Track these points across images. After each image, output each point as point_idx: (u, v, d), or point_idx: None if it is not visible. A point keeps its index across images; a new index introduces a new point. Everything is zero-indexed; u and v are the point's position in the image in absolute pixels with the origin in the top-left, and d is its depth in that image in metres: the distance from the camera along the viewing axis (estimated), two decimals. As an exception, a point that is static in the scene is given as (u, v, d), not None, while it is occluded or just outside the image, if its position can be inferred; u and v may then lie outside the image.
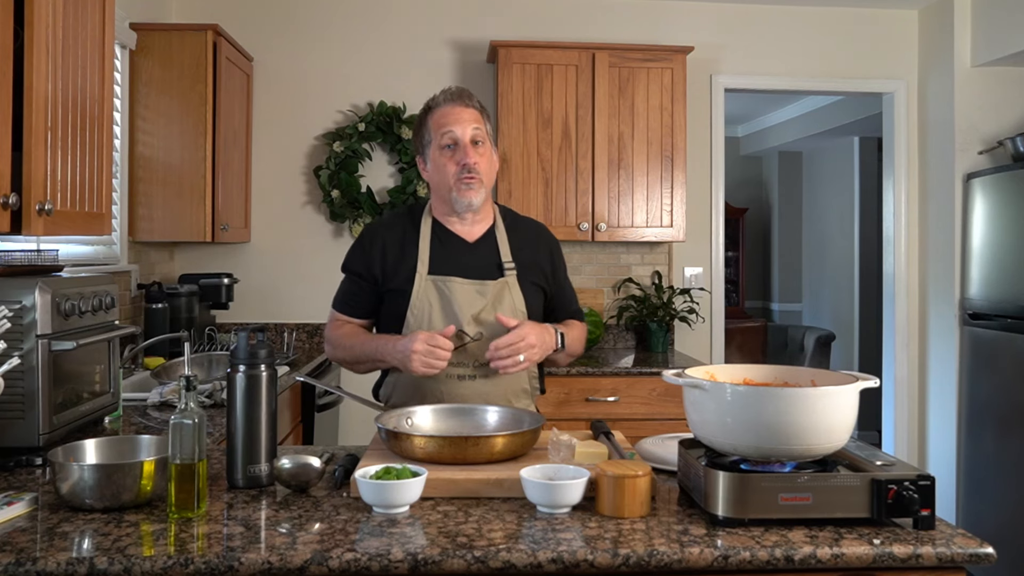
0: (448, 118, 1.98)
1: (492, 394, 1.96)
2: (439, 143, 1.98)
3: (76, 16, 2.01)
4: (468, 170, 1.95)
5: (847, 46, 4.34)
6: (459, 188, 1.96)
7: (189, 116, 3.42)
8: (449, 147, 1.97)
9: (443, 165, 1.98)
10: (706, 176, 4.31)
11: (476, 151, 1.97)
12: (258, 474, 1.56)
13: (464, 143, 1.96)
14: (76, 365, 1.92)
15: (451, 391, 1.95)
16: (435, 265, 1.99)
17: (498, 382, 1.96)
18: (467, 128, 1.97)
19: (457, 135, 1.96)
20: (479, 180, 1.97)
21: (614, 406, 3.45)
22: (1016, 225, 3.65)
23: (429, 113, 2.03)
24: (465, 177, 1.95)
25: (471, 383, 1.95)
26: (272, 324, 4.03)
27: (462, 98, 2.01)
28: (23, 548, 1.24)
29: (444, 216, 2.05)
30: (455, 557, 1.23)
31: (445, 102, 2.01)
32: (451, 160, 1.97)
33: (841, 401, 1.38)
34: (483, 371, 1.95)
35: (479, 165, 1.97)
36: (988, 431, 3.80)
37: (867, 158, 6.78)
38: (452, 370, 1.93)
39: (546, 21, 4.18)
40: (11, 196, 1.73)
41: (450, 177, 1.97)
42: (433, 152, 2.01)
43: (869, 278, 6.69)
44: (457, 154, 1.96)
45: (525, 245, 2.08)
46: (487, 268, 2.01)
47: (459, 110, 1.99)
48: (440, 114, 2.00)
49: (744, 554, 1.25)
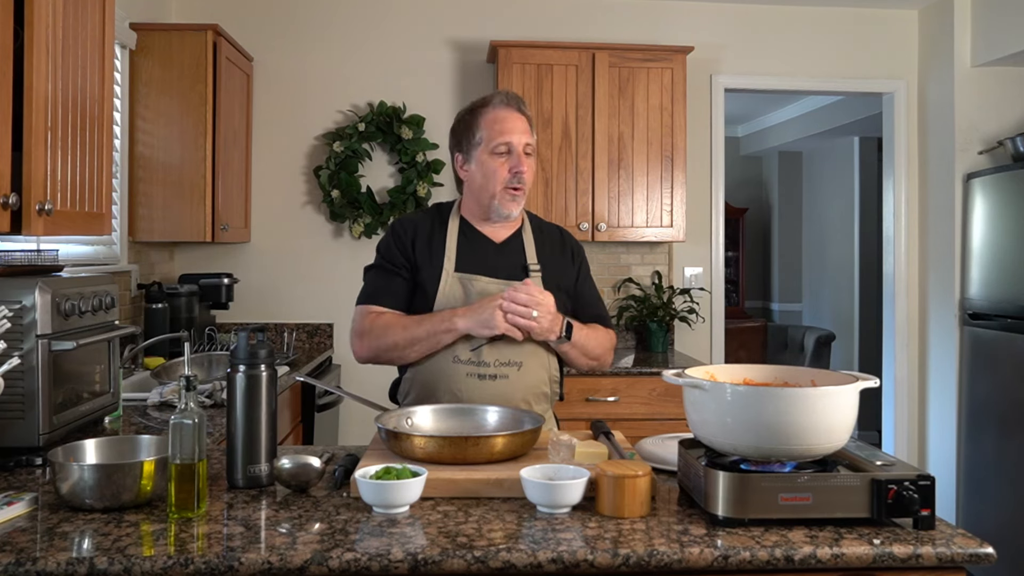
0: (506, 124, 1.96)
1: (511, 395, 1.94)
2: (491, 147, 1.96)
3: (76, 16, 2.01)
4: (519, 180, 1.95)
5: (847, 46, 4.34)
6: (503, 197, 1.96)
7: (189, 116, 3.43)
8: (503, 153, 1.95)
9: (493, 169, 1.95)
10: (706, 176, 4.31)
11: (527, 161, 1.97)
12: (258, 474, 1.56)
13: (518, 151, 1.95)
14: (76, 365, 1.92)
15: (471, 391, 1.93)
16: (461, 263, 1.98)
17: (517, 383, 1.95)
18: (523, 137, 1.96)
19: (513, 143, 1.95)
20: (523, 192, 1.97)
21: (614, 406, 3.45)
22: (1016, 225, 3.65)
23: (481, 113, 1.99)
24: (512, 188, 1.95)
25: (491, 383, 1.93)
26: (272, 324, 4.03)
27: (519, 105, 2.00)
28: (23, 548, 1.24)
29: (474, 217, 2.04)
30: (455, 557, 1.23)
31: (501, 105, 1.98)
32: (503, 165, 1.95)
33: (841, 401, 1.38)
34: (503, 371, 1.94)
35: (527, 176, 1.96)
36: (988, 431, 3.80)
37: (867, 158, 6.78)
38: (472, 369, 1.92)
39: (546, 21, 4.18)
40: (11, 196, 1.73)
41: (498, 182, 1.95)
42: (481, 154, 1.97)
43: (869, 278, 6.69)
44: (511, 161, 1.95)
45: (550, 249, 2.08)
46: (513, 269, 2.01)
47: (515, 116, 1.98)
48: (495, 117, 1.97)
49: (744, 554, 1.25)
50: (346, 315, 4.05)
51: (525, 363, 1.95)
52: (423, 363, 1.96)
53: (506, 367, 1.93)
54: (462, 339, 1.91)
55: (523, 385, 1.96)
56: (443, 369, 1.94)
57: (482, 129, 1.97)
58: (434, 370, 1.95)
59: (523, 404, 1.96)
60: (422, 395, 1.98)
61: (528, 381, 1.96)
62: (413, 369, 1.99)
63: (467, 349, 1.92)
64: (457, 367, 1.93)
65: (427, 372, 1.96)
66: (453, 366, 1.93)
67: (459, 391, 1.93)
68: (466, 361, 1.93)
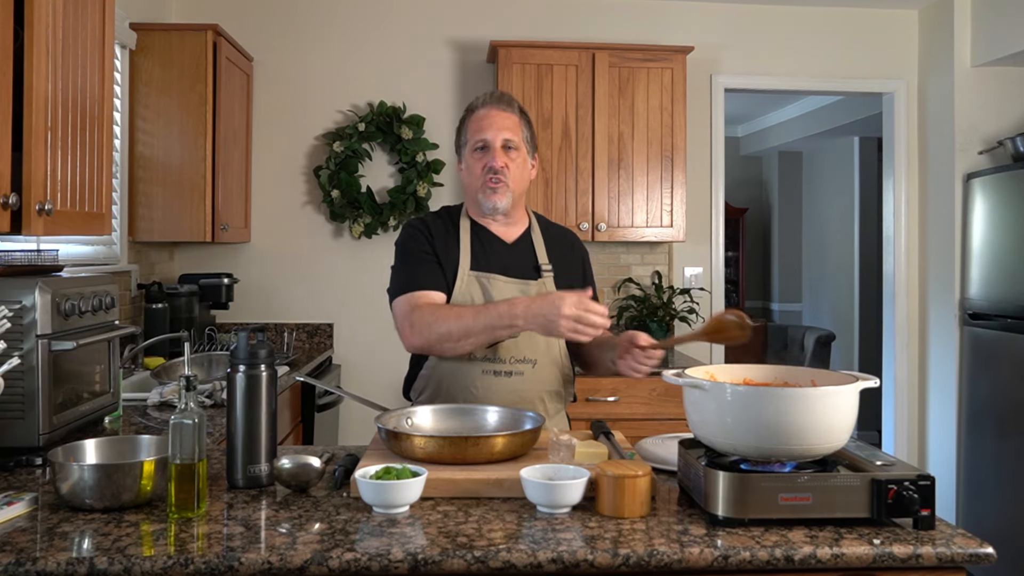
0: (483, 122, 2.00)
1: (526, 392, 1.96)
2: (471, 144, 2.01)
3: (76, 16, 2.01)
4: (492, 171, 1.96)
5: (847, 46, 4.34)
6: (484, 191, 1.98)
7: (189, 116, 3.43)
8: (480, 149, 1.99)
9: (472, 166, 2.01)
10: (706, 176, 4.31)
11: (507, 155, 1.99)
12: (258, 474, 1.56)
13: (494, 147, 1.98)
14: (76, 365, 1.92)
15: (487, 388, 1.94)
16: (476, 262, 2.00)
17: (532, 380, 1.97)
18: (500, 132, 1.99)
19: (488, 138, 1.98)
20: (504, 184, 1.98)
21: (614, 406, 3.45)
22: (1016, 225, 3.65)
23: (469, 115, 2.05)
24: (490, 180, 1.97)
25: (506, 380, 1.94)
26: (272, 324, 4.03)
27: (501, 102, 2.03)
28: (23, 548, 1.24)
29: (477, 216, 2.06)
30: (455, 557, 1.23)
31: (483, 105, 2.03)
32: (479, 161, 1.99)
33: (841, 401, 1.38)
34: (518, 368, 1.95)
35: (507, 169, 1.98)
36: (988, 431, 3.80)
37: (867, 158, 6.78)
38: (488, 366, 1.93)
39: (546, 21, 4.18)
40: (11, 196, 1.73)
41: (476, 178, 1.99)
42: (467, 154, 2.04)
43: (869, 278, 6.69)
44: (485, 156, 1.98)
45: (559, 250, 2.10)
46: (525, 268, 2.03)
47: (495, 113, 2.01)
48: (477, 116, 2.02)
49: (744, 554, 1.25)
50: (346, 315, 4.09)
51: (539, 360, 1.97)
52: (441, 360, 1.97)
53: (521, 364, 1.95)
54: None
55: (537, 381, 1.98)
56: (460, 367, 1.95)
57: (467, 131, 2.04)
58: (451, 367, 1.96)
59: (538, 401, 1.98)
60: (437, 392, 1.98)
61: (542, 377, 1.98)
62: (430, 366, 1.99)
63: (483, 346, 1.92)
64: (473, 364, 1.94)
65: (444, 369, 1.96)
66: (469, 363, 1.94)
67: (475, 388, 1.94)
68: (482, 358, 1.94)
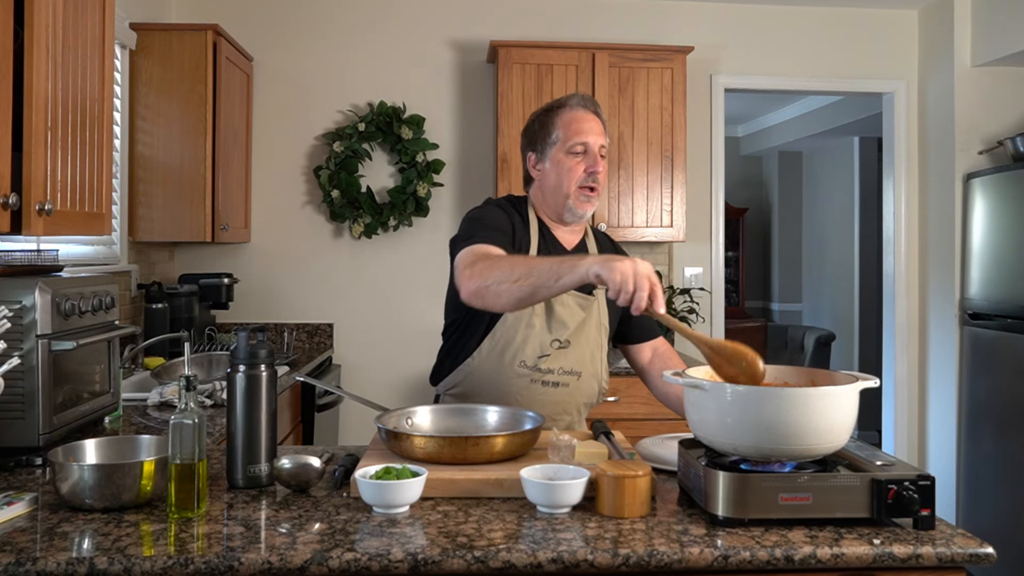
0: (583, 124, 1.98)
1: (568, 403, 1.98)
2: (568, 146, 1.97)
3: (76, 16, 2.01)
4: (594, 179, 1.96)
5: (847, 46, 4.34)
6: (578, 197, 1.97)
7: (189, 116, 3.43)
8: (579, 153, 1.97)
9: (569, 168, 1.96)
10: (706, 176, 4.31)
11: (602, 163, 1.98)
12: (258, 474, 1.56)
13: (594, 151, 1.97)
14: (76, 365, 1.91)
15: (531, 396, 1.93)
16: None
17: (576, 391, 1.98)
18: (598, 138, 1.98)
19: (589, 142, 1.96)
20: (598, 193, 1.98)
21: (614, 406, 3.45)
22: (1016, 225, 3.65)
23: (558, 113, 2.01)
24: (587, 187, 1.96)
25: (553, 390, 1.95)
26: (272, 324, 4.03)
27: (595, 107, 2.02)
28: (23, 548, 1.24)
29: (547, 218, 2.04)
30: (455, 557, 1.23)
31: (578, 106, 2.00)
32: (579, 164, 1.96)
33: (841, 401, 1.38)
34: (564, 380, 1.96)
35: (601, 177, 1.98)
36: (988, 431, 3.80)
37: (867, 158, 6.78)
38: (537, 376, 1.93)
39: (546, 21, 4.18)
40: (11, 196, 1.73)
41: (573, 181, 1.96)
42: (557, 153, 1.98)
43: (869, 278, 6.69)
44: (587, 160, 1.96)
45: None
46: None
47: (592, 118, 1.99)
48: (572, 117, 1.99)
49: (744, 554, 1.25)
50: (346, 315, 4.09)
51: (583, 373, 1.98)
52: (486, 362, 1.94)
53: (568, 375, 1.95)
54: (531, 343, 1.91)
55: (580, 393, 1.99)
56: (505, 372, 1.93)
57: (559, 129, 1.99)
58: (496, 370, 1.93)
59: (575, 412, 2.01)
60: (472, 391, 1.96)
61: (584, 390, 2.00)
62: (471, 363, 1.96)
63: (535, 355, 1.92)
64: (522, 372, 1.92)
65: (487, 371, 1.94)
66: (518, 370, 1.92)
67: (518, 395, 1.93)
68: (532, 367, 1.93)
